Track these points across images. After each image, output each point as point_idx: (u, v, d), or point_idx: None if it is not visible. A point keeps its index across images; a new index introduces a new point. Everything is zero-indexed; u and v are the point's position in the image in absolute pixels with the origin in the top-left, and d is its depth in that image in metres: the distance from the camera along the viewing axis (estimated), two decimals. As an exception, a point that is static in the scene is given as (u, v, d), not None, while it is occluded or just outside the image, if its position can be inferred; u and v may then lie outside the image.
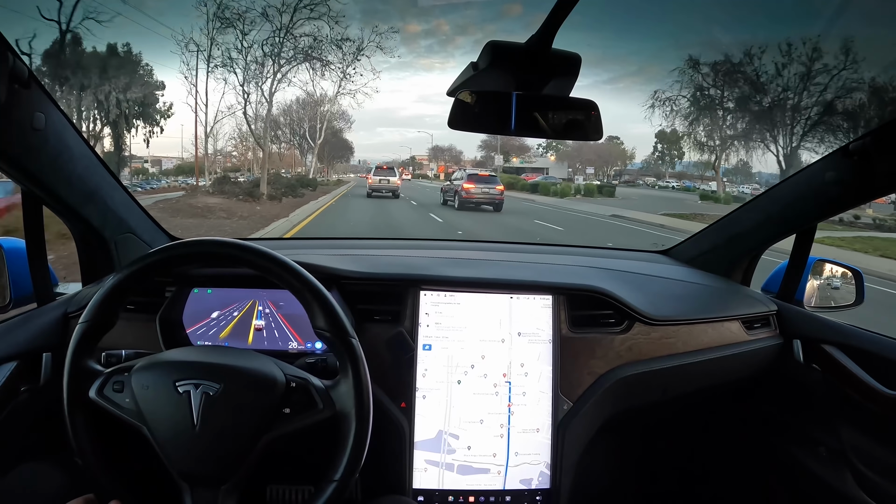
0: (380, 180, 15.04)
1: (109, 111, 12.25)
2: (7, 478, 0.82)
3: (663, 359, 1.01)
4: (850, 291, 1.15)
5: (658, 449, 1.33)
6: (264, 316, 0.96)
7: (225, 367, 0.65)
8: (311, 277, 0.69)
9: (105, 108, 12.19)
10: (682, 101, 15.73)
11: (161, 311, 0.93)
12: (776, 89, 13.04)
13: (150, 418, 0.63)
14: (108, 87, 11.89)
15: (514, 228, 9.85)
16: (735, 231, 1.21)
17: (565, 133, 0.71)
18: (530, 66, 0.65)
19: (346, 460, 0.64)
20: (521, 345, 0.96)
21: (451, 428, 0.94)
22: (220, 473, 0.64)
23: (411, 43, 19.88)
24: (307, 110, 17.51)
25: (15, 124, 0.71)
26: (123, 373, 0.66)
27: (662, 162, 24.53)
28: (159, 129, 14.14)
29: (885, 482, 0.90)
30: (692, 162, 22.47)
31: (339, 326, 0.68)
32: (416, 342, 0.95)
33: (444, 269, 1.01)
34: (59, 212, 0.94)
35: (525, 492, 0.95)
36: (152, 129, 14.05)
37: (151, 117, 13.93)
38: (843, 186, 0.95)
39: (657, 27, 18.66)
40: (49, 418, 0.77)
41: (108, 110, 12.23)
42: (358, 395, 0.66)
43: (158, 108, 13.97)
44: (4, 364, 0.82)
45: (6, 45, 0.65)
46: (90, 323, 0.67)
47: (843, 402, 0.97)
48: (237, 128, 14.99)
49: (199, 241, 0.71)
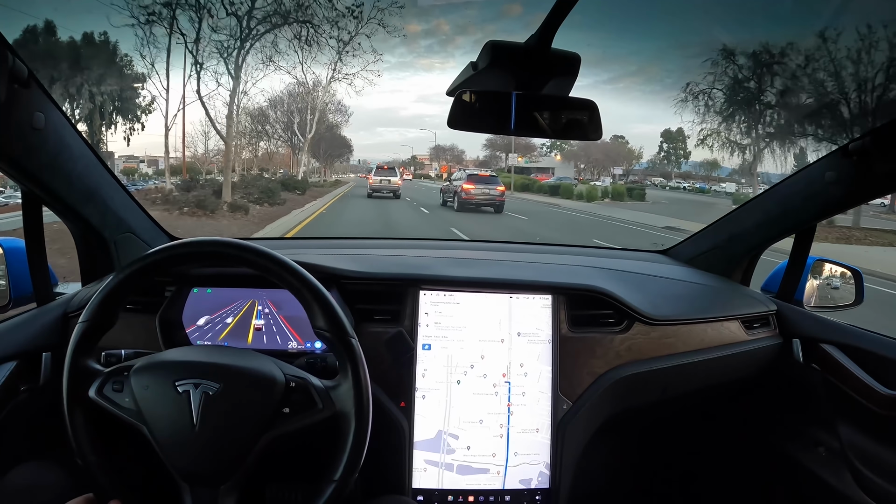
0: (381, 180, 14.87)
1: (82, 105, 11.12)
2: (7, 477, 0.82)
3: (663, 358, 1.01)
4: (849, 291, 1.15)
5: (657, 448, 1.33)
6: (264, 316, 0.96)
7: (224, 366, 0.65)
8: (310, 277, 0.69)
9: (78, 102, 10.91)
10: (716, 95, 13.95)
11: (161, 310, 0.93)
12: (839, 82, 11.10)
13: (149, 418, 0.63)
14: (80, 79, 10.41)
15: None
16: (734, 231, 1.21)
17: (565, 133, 0.72)
18: (530, 66, 0.65)
19: (345, 460, 0.64)
20: (521, 345, 0.96)
21: (450, 428, 0.94)
22: (220, 473, 0.64)
23: (411, 43, 19.75)
24: (296, 100, 14.91)
25: (14, 124, 0.71)
26: (123, 372, 0.66)
27: (668, 161, 23.87)
28: (140, 126, 12.46)
29: (884, 482, 0.90)
30: (698, 162, 21.74)
31: (339, 326, 0.68)
32: (415, 342, 0.95)
33: (444, 269, 1.01)
34: (58, 211, 0.94)
35: (524, 491, 0.95)
36: (132, 125, 12.46)
37: (131, 112, 12.34)
38: (842, 186, 0.95)
39: (657, 27, 18.60)
40: (49, 418, 0.77)
41: (81, 104, 11.06)
42: (357, 394, 0.66)
43: (138, 103, 12.33)
44: (4, 364, 0.82)
45: (6, 45, 0.65)
46: (90, 322, 0.67)
47: (843, 401, 0.97)
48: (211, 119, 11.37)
49: (198, 240, 0.71)
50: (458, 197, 12.21)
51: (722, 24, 13.82)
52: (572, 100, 0.69)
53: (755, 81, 13.13)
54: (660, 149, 23.74)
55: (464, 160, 26.47)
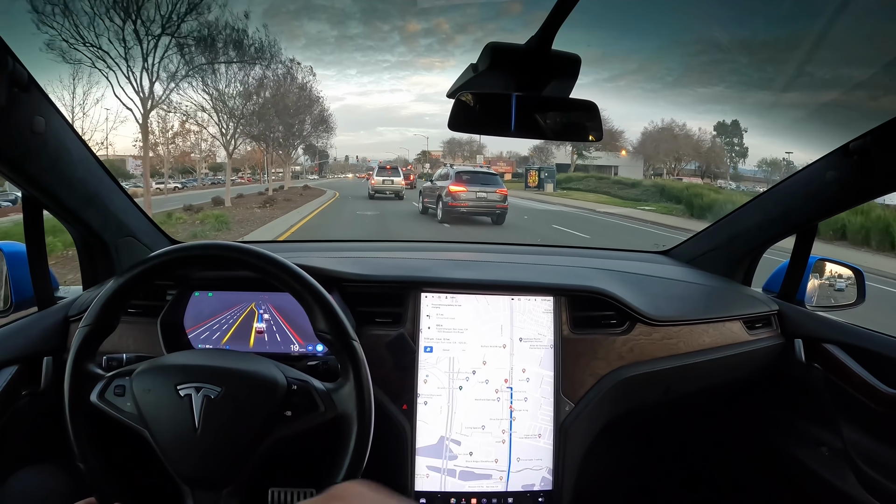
0: (383, 181, 14.27)
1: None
2: (8, 482, 0.82)
3: (665, 359, 1.00)
4: (851, 290, 1.15)
5: (660, 448, 1.33)
6: (265, 319, 0.96)
7: (226, 370, 0.65)
8: (312, 280, 0.69)
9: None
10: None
11: (162, 314, 0.93)
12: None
13: (151, 422, 0.63)
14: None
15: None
16: (736, 231, 1.21)
17: (565, 134, 0.72)
18: (530, 68, 0.65)
19: (348, 462, 0.64)
20: (523, 350, 0.96)
21: (452, 434, 0.94)
22: (222, 477, 0.64)
23: (411, 42, 19.66)
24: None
25: (15, 128, 0.71)
26: (125, 376, 0.66)
27: (729, 160, 19.26)
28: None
29: (886, 481, 0.90)
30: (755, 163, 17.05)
31: (341, 329, 0.68)
32: (417, 344, 0.94)
33: (445, 271, 1.01)
34: (59, 215, 0.94)
35: (527, 493, 0.95)
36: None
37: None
38: (843, 185, 0.94)
39: (657, 26, 18.54)
40: (50, 422, 0.77)
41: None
42: (360, 397, 0.66)
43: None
44: (5, 368, 0.82)
45: (6, 49, 0.66)
46: (92, 327, 0.67)
47: (845, 401, 0.97)
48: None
49: (199, 244, 0.71)
50: (443, 202, 8.85)
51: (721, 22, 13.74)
52: (573, 101, 0.69)
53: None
54: (712, 144, 19.49)
55: (485, 156, 22.32)
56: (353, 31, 17.27)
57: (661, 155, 20.81)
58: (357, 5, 15.54)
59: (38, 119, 0.75)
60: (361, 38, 18.33)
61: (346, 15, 15.51)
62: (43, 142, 0.77)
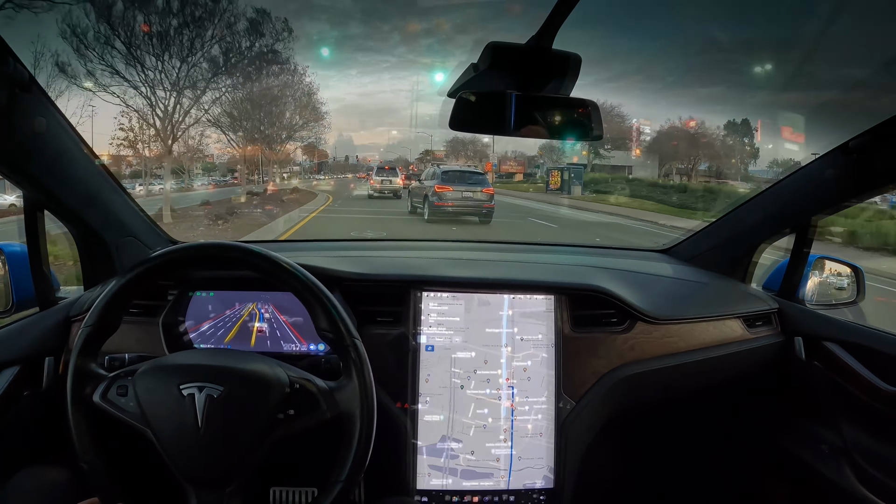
0: (382, 181, 14.49)
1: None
2: (10, 482, 0.82)
3: (665, 357, 1.01)
4: (851, 288, 1.15)
5: (660, 447, 1.33)
6: (266, 318, 0.96)
7: (228, 369, 0.65)
8: (313, 279, 0.69)
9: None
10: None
11: (163, 314, 0.93)
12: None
13: (154, 421, 0.63)
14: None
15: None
16: (735, 229, 1.21)
17: (566, 133, 0.72)
18: (530, 67, 0.65)
19: (350, 461, 0.65)
20: (524, 349, 0.96)
21: (454, 433, 0.94)
22: (225, 476, 0.64)
23: (411, 42, 19.60)
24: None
25: (16, 128, 0.71)
26: (127, 376, 0.66)
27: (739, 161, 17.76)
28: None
29: (886, 478, 0.90)
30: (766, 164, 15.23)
31: (342, 328, 0.68)
32: (418, 343, 0.95)
33: (446, 270, 1.01)
34: (59, 215, 0.94)
35: (528, 491, 0.95)
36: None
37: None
38: (842, 183, 0.95)
39: (657, 26, 18.46)
40: (52, 422, 0.77)
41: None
42: (362, 395, 0.66)
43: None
44: (7, 369, 0.82)
45: (7, 50, 0.66)
46: (93, 327, 0.67)
47: (845, 398, 0.97)
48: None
49: (200, 244, 0.71)
50: (429, 202, 8.73)
51: (721, 22, 13.66)
52: (573, 100, 0.69)
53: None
54: (722, 144, 18.17)
55: (491, 156, 20.53)
56: (353, 31, 17.28)
57: (681, 154, 19.15)
58: (357, 5, 15.48)
59: (39, 119, 0.75)
60: (362, 39, 18.35)
61: (347, 15, 15.46)
62: (44, 142, 0.77)
